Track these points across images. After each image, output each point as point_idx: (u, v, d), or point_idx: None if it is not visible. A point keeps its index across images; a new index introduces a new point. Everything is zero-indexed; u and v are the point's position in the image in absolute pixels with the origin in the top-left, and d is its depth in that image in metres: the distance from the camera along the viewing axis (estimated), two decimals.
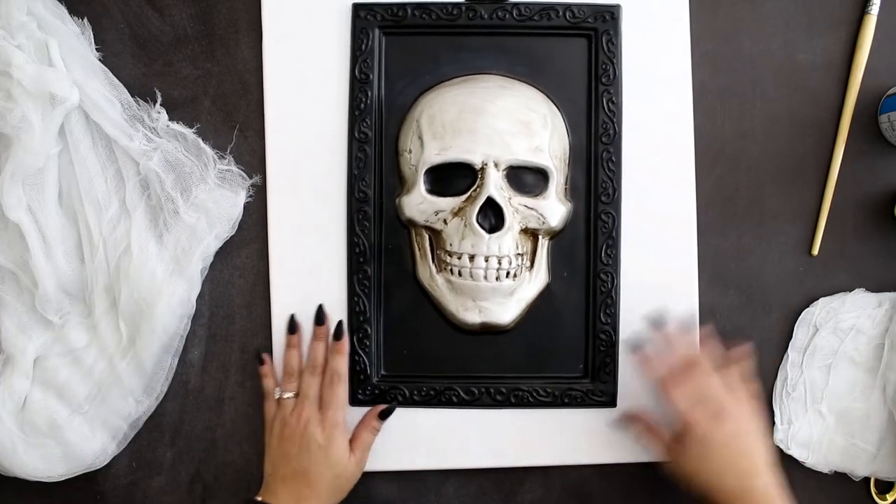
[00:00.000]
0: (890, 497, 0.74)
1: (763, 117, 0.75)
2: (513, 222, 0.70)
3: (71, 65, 0.70)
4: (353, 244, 0.73)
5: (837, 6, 0.75)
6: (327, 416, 0.69)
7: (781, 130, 0.75)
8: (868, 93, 0.74)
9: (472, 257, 0.70)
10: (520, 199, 0.70)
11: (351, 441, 0.70)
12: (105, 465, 0.73)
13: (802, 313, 0.74)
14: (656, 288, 0.73)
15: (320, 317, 0.72)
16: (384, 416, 0.72)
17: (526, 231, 0.71)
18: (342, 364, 0.71)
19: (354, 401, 0.73)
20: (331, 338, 0.72)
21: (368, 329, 0.73)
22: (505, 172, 0.70)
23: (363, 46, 0.73)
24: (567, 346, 0.74)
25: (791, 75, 0.75)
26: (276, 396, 0.71)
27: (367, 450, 0.71)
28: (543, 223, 0.71)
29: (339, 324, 0.72)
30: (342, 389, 0.70)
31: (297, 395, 0.70)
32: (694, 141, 0.74)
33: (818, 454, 0.73)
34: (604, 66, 0.73)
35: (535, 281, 0.73)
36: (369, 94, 0.73)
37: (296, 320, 0.72)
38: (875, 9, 0.73)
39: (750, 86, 0.75)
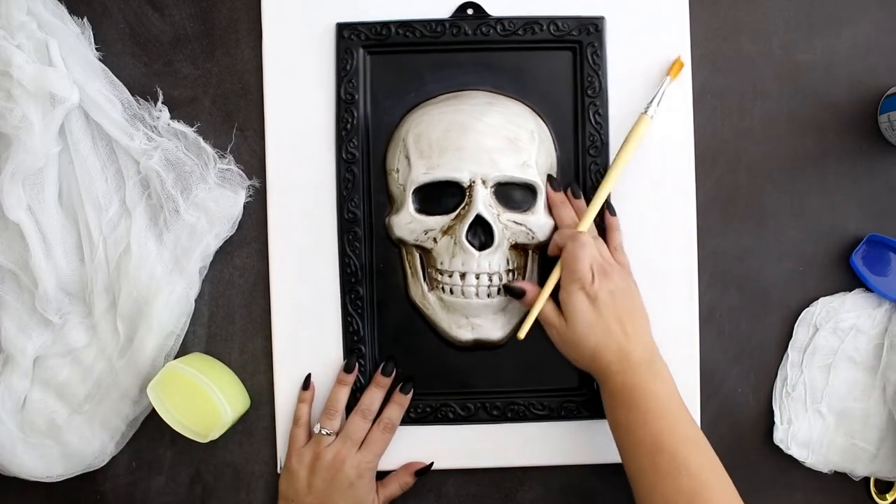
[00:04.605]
0: (890, 497, 0.74)
1: (763, 117, 0.75)
2: (502, 239, 0.70)
3: (71, 65, 0.70)
4: (344, 264, 0.73)
5: (837, 6, 0.75)
6: (365, 459, 0.69)
7: (781, 130, 0.75)
8: (868, 93, 0.74)
9: (462, 275, 0.70)
10: (509, 216, 0.70)
11: (378, 489, 0.71)
12: (105, 465, 0.73)
13: (802, 313, 0.74)
14: (657, 289, 0.73)
15: (387, 369, 0.72)
16: (420, 474, 0.72)
17: (516, 246, 0.71)
18: (398, 416, 0.72)
19: None
20: (384, 386, 0.72)
21: (363, 348, 0.73)
22: (493, 189, 0.70)
23: (348, 66, 0.73)
24: (561, 358, 0.73)
25: (791, 75, 0.75)
26: (316, 431, 0.70)
27: (389, 500, 0.72)
28: (533, 238, 0.71)
29: (409, 381, 0.72)
30: (389, 438, 0.71)
31: (335, 434, 0.70)
32: (694, 141, 0.74)
33: (818, 454, 0.73)
34: (589, 79, 0.73)
35: None
36: (355, 114, 0.73)
37: (355, 360, 0.72)
38: (652, 110, 0.71)
39: (750, 86, 0.75)
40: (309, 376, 0.73)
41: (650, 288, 0.73)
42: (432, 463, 0.73)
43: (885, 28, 0.75)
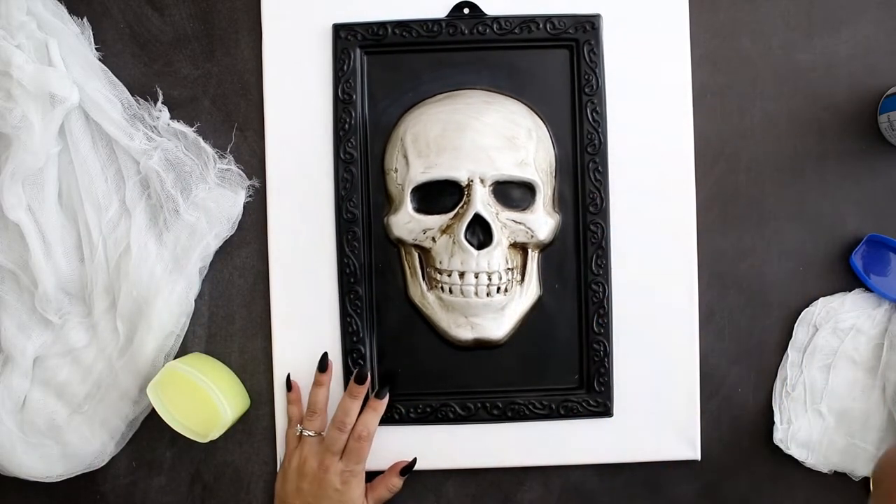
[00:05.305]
0: None
1: (763, 117, 0.75)
2: (501, 237, 0.70)
3: (71, 65, 0.71)
4: (342, 265, 0.73)
5: (837, 6, 0.75)
6: (347, 468, 0.69)
7: (781, 130, 0.75)
8: (868, 93, 0.74)
9: (461, 274, 0.70)
10: (507, 214, 0.70)
11: (368, 492, 0.70)
12: (105, 465, 0.73)
13: (802, 313, 0.74)
14: (657, 289, 0.73)
15: (360, 377, 0.71)
16: (405, 472, 0.72)
17: (515, 245, 0.71)
18: (374, 422, 0.71)
19: None
20: (362, 392, 0.71)
21: (362, 349, 0.73)
22: (491, 188, 0.70)
23: (345, 67, 0.73)
24: (561, 357, 0.74)
25: (791, 75, 0.75)
26: (297, 433, 0.71)
27: (381, 503, 0.71)
28: (532, 237, 0.71)
29: (385, 385, 0.72)
30: (368, 445, 0.70)
31: (318, 434, 0.70)
32: (694, 141, 0.74)
33: (818, 454, 0.73)
34: (586, 77, 0.73)
35: (526, 294, 0.73)
36: (353, 114, 0.73)
37: (328, 359, 0.72)
38: None
39: (750, 86, 0.75)
40: (289, 377, 0.73)
41: (650, 288, 0.73)
42: (415, 459, 0.73)
43: (885, 28, 0.75)
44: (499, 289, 0.71)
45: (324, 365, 0.72)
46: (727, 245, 0.75)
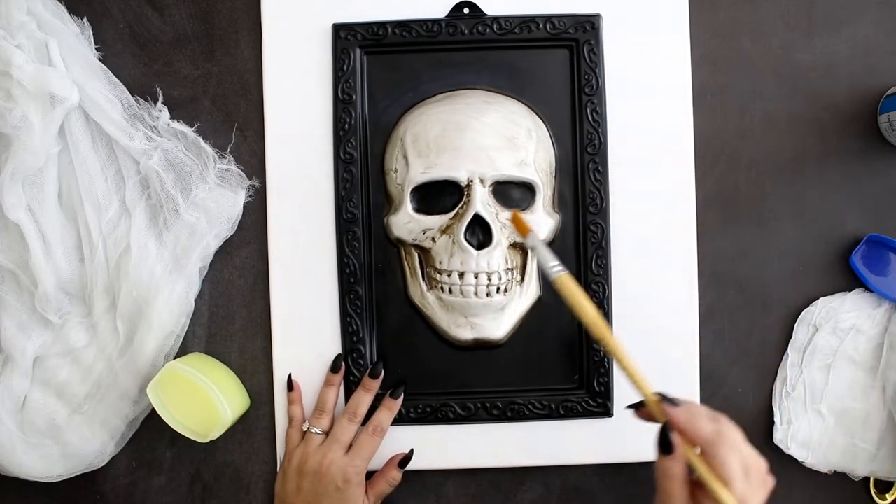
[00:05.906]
0: (890, 497, 0.74)
1: (763, 117, 0.75)
2: (501, 238, 0.70)
3: (71, 65, 0.71)
4: (342, 265, 0.73)
5: (837, 6, 0.75)
6: (352, 464, 0.69)
7: (781, 130, 0.75)
8: (868, 93, 0.74)
9: (461, 274, 0.70)
10: (507, 214, 0.70)
11: (367, 489, 0.71)
12: (105, 465, 0.73)
13: (802, 313, 0.74)
14: (657, 289, 0.73)
15: (375, 371, 0.72)
16: (403, 464, 0.72)
17: (515, 245, 0.71)
18: (388, 421, 0.71)
19: None
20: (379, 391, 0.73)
21: (362, 349, 0.73)
22: (491, 188, 0.70)
23: (345, 67, 0.73)
24: (561, 357, 0.74)
25: (791, 75, 0.75)
26: (304, 429, 0.71)
27: (381, 499, 0.72)
28: None
29: (400, 385, 0.72)
30: (378, 442, 0.71)
31: (324, 433, 0.71)
32: (694, 141, 0.74)
33: (818, 454, 0.73)
34: (586, 77, 0.73)
35: (526, 294, 0.73)
36: (353, 114, 0.73)
37: (342, 361, 0.73)
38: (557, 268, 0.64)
39: (750, 86, 0.75)
40: (290, 377, 0.73)
41: (650, 288, 0.73)
42: (412, 451, 0.73)
43: (885, 28, 0.75)
44: (498, 289, 0.71)
45: (336, 366, 0.72)
46: (727, 245, 0.75)
